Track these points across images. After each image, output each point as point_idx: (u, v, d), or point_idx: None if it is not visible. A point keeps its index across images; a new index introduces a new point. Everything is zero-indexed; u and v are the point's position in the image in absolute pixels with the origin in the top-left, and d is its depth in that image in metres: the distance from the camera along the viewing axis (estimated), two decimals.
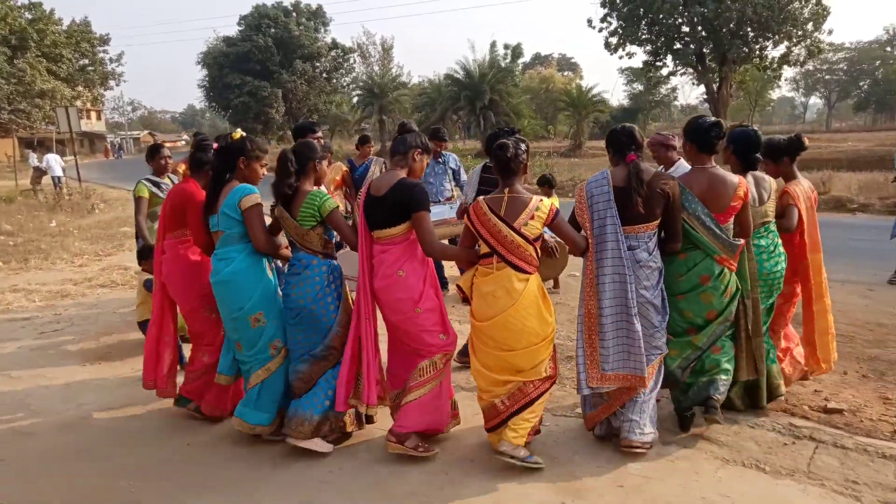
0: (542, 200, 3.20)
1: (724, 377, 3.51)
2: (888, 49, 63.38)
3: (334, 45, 46.82)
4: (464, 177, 6.68)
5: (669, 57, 30.57)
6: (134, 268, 8.49)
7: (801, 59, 29.51)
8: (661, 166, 4.43)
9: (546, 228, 3.25)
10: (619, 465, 3.28)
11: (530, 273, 3.19)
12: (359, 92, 44.68)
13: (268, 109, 42.20)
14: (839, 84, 67.41)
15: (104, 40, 31.17)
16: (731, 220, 3.46)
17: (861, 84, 64.92)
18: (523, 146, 3.33)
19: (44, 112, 25.38)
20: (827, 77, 67.85)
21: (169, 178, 5.37)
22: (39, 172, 19.12)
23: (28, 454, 3.58)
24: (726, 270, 3.45)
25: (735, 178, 3.47)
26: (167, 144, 6.73)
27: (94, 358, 5.14)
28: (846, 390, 4.14)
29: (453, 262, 6.75)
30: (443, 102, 35.32)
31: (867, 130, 48.92)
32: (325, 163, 3.68)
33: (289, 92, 43.06)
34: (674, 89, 59.72)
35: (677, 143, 4.35)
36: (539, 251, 3.25)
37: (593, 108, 38.48)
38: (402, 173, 3.36)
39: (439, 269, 6.58)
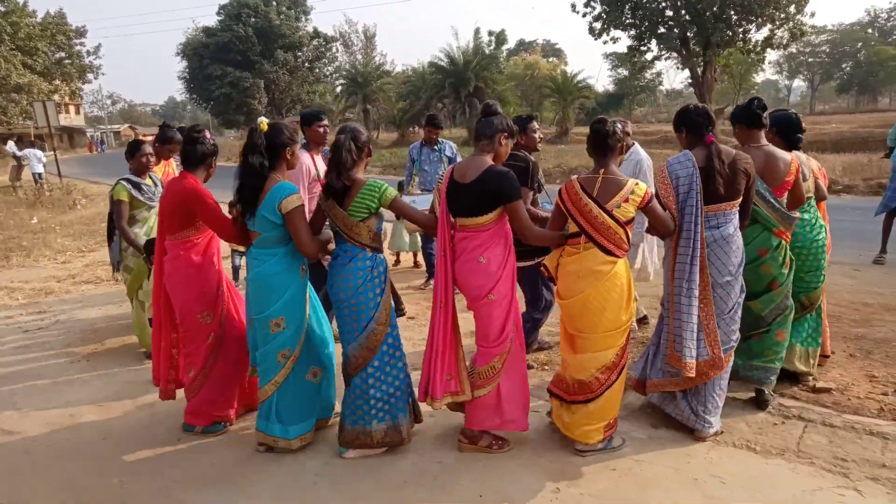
0: (637, 184, 3.12)
1: (776, 366, 3.67)
2: (870, 31, 63.82)
3: (316, 34, 46.37)
4: None
5: (654, 41, 30.54)
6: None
7: (784, 41, 29.58)
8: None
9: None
10: (613, 450, 3.29)
11: (618, 256, 3.14)
12: (342, 81, 44.35)
13: (250, 100, 41.78)
14: (822, 66, 67.83)
15: (80, 32, 30.72)
16: (786, 194, 3.62)
17: (843, 66, 65.39)
18: (619, 125, 3.27)
19: (20, 107, 24.98)
20: (810, 60, 68.22)
21: (150, 177, 4.89)
22: (19, 167, 18.83)
23: (15, 452, 3.53)
24: (783, 242, 3.62)
25: (788, 155, 3.62)
26: (148, 138, 6.36)
27: (80, 355, 5.07)
28: (834, 369, 4.19)
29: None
30: (427, 91, 35.12)
31: (850, 112, 49.39)
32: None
33: (271, 82, 42.64)
34: (659, 74, 59.94)
35: (630, 128, 4.55)
36: (628, 235, 3.15)
37: (579, 95, 38.47)
38: (489, 159, 3.23)
39: (431, 258, 6.55)
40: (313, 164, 4.61)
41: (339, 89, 45.81)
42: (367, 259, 3.23)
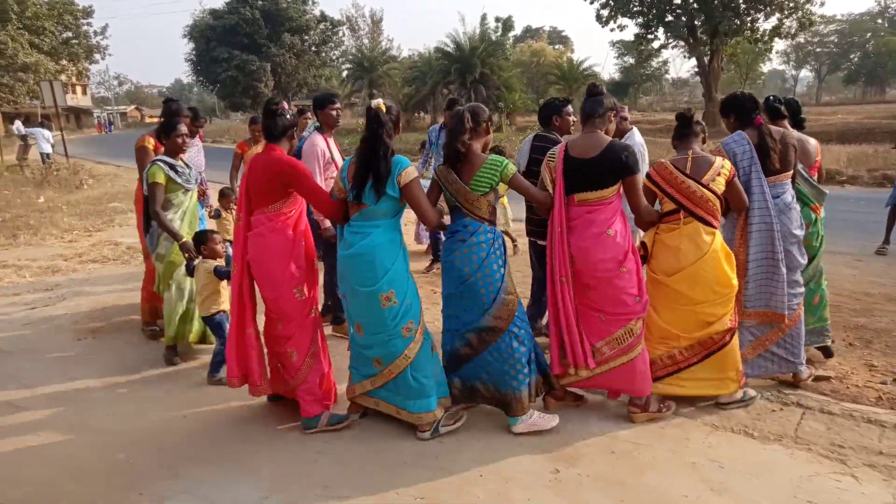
0: (724, 161, 3.45)
1: (823, 324, 4.15)
2: (879, 21, 63.18)
3: (323, 17, 46.10)
4: None
5: (661, 29, 30.32)
6: (125, 243, 8.46)
7: (793, 31, 29.34)
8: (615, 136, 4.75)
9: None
10: (610, 432, 3.34)
11: (716, 227, 3.42)
12: (348, 66, 44.07)
13: (256, 84, 41.64)
14: (830, 57, 67.22)
15: (87, 12, 30.58)
16: (816, 173, 4.06)
17: (852, 57, 64.77)
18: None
19: (27, 86, 24.93)
20: (818, 50, 67.61)
21: (182, 160, 4.53)
22: (25, 146, 18.84)
23: (22, 427, 3.59)
24: (818, 217, 3.99)
25: (813, 140, 4.05)
26: (154, 119, 6.35)
27: (86, 332, 5.13)
28: (833, 358, 4.21)
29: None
30: (433, 76, 34.91)
31: (857, 103, 48.96)
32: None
33: (277, 66, 42.46)
34: (665, 63, 59.43)
35: (627, 113, 4.89)
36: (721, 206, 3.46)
37: (584, 82, 38.15)
38: (604, 135, 3.42)
39: (438, 242, 6.56)
40: (327, 147, 4.63)
41: (345, 74, 45.56)
42: (489, 232, 3.33)
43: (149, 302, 4.98)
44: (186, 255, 4.24)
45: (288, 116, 3.52)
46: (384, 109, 3.27)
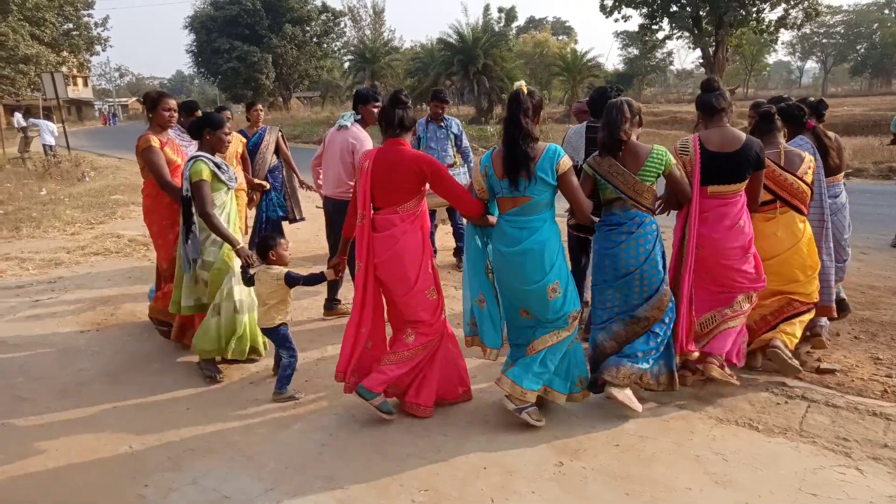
0: (810, 157, 3.76)
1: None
2: (886, 11, 62.72)
3: (324, 8, 45.86)
4: (465, 142, 6.52)
5: (666, 20, 30.18)
6: (127, 236, 8.46)
7: (799, 21, 29.21)
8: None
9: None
10: (615, 425, 3.34)
11: (806, 215, 3.76)
12: (350, 57, 43.98)
13: (258, 75, 41.50)
14: (836, 48, 66.83)
15: (88, 4, 30.46)
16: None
17: (858, 48, 64.42)
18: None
19: (28, 78, 24.90)
20: (824, 41, 67.23)
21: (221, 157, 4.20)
22: (27, 139, 18.83)
23: (27, 419, 3.59)
24: None
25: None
26: None
27: (90, 325, 5.13)
28: (838, 351, 4.20)
29: (449, 230, 6.77)
30: (436, 67, 34.76)
31: (863, 95, 48.69)
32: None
33: (279, 57, 42.28)
34: (669, 54, 59.35)
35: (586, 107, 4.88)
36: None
37: (588, 73, 38.04)
38: (737, 130, 3.54)
39: (431, 236, 6.53)
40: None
41: (346, 65, 45.47)
42: (653, 223, 3.38)
43: (163, 301, 4.56)
44: (244, 262, 3.79)
45: (411, 110, 3.43)
46: (525, 91, 3.18)
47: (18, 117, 20.37)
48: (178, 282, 4.13)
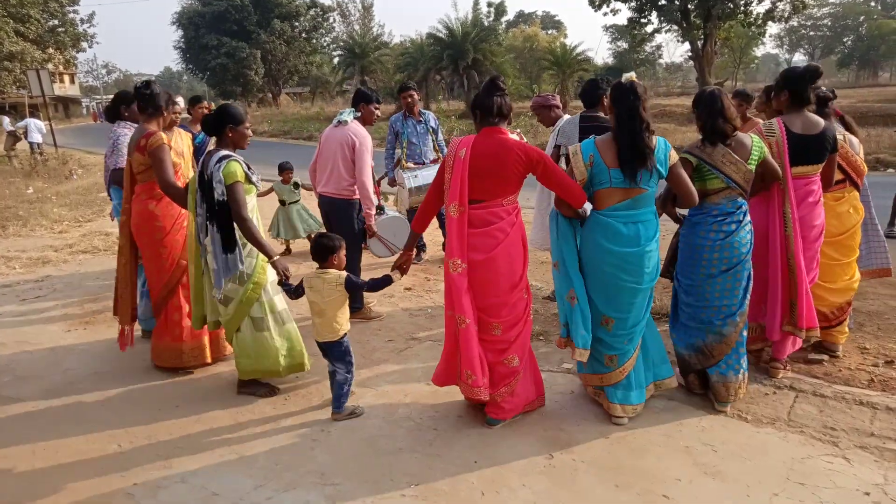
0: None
1: None
2: (872, 4, 63.11)
3: (313, 3, 45.63)
4: (441, 136, 6.48)
5: (654, 13, 30.17)
6: (115, 234, 8.39)
7: (786, 14, 29.24)
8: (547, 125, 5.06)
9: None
10: (605, 418, 3.34)
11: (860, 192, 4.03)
12: (339, 52, 43.76)
13: (247, 71, 41.30)
14: (823, 40, 67.15)
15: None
16: None
17: (845, 40, 64.75)
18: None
19: (14, 76, 24.59)
20: (811, 33, 67.53)
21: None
22: (14, 138, 18.64)
23: (14, 419, 3.57)
24: None
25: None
26: None
27: (78, 323, 5.10)
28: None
29: (435, 224, 6.73)
30: (425, 62, 34.67)
31: (850, 87, 49.00)
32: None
33: (268, 53, 42.08)
34: (658, 47, 59.45)
35: (558, 101, 5.06)
36: None
37: (578, 67, 37.99)
38: (816, 115, 3.67)
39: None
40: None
41: (336, 60, 45.25)
42: (748, 209, 3.38)
43: (172, 337, 4.14)
44: (282, 276, 3.47)
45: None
46: (634, 79, 3.14)
47: (6, 122, 20.14)
48: (199, 296, 3.73)
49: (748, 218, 3.33)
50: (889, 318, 4.60)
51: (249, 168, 3.58)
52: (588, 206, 3.14)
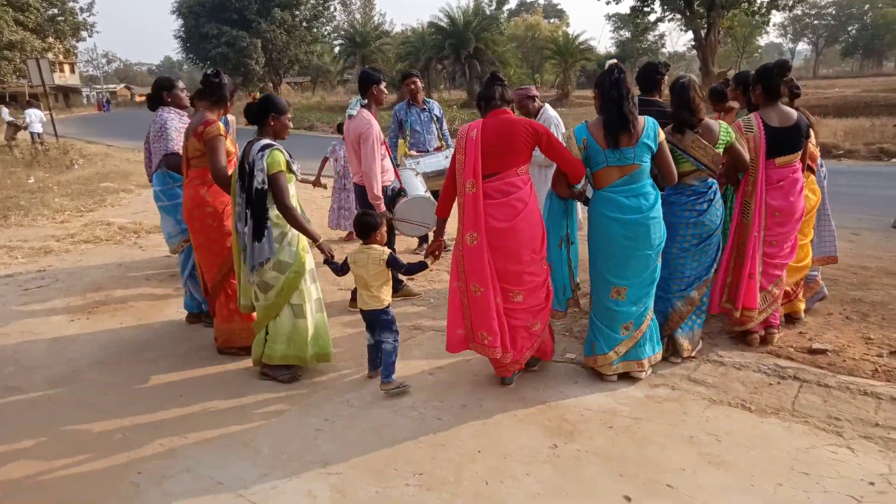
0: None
1: None
2: None
3: None
4: (445, 126, 6.48)
5: (657, 2, 30.01)
6: (117, 223, 8.39)
7: (790, 3, 29.09)
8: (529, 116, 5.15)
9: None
10: (609, 408, 3.34)
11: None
12: (340, 41, 43.71)
13: (247, 60, 41.14)
14: (827, 29, 66.75)
15: None
16: None
17: (849, 29, 64.36)
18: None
19: (13, 65, 24.52)
20: (815, 22, 67.13)
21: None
22: (14, 128, 18.59)
23: (18, 408, 3.57)
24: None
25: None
26: (144, 98, 5.87)
27: (81, 313, 5.10)
28: (830, 331, 4.22)
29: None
30: (427, 52, 34.59)
31: (854, 76, 48.75)
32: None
33: (268, 42, 41.90)
34: (661, 36, 59.08)
35: (536, 92, 5.27)
36: None
37: (580, 57, 37.86)
38: (788, 107, 3.86)
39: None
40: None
41: (337, 49, 45.11)
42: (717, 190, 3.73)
43: (229, 319, 4.17)
44: (328, 256, 3.64)
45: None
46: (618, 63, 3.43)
47: (6, 112, 20.07)
48: (241, 283, 3.83)
49: (718, 196, 3.71)
50: (893, 309, 4.58)
51: (290, 157, 3.65)
52: (583, 184, 3.51)
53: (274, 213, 3.58)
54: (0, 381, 3.92)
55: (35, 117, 18.14)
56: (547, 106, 5.28)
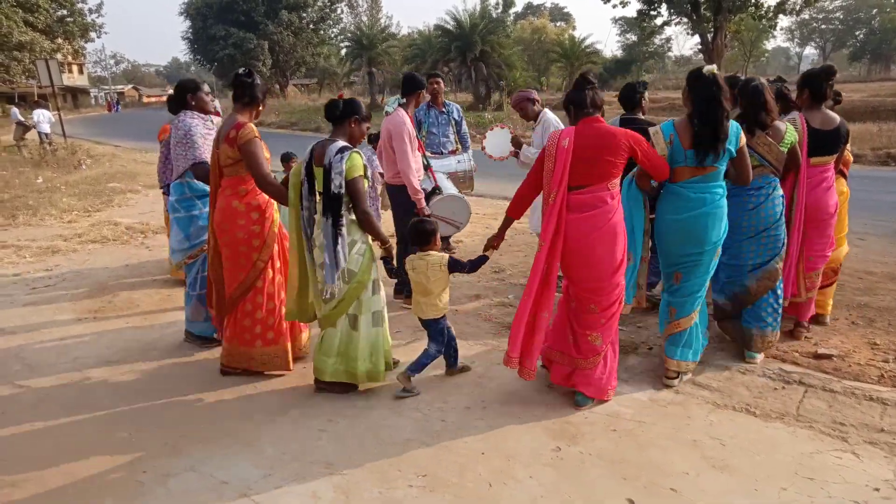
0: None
1: None
2: None
3: None
4: (464, 128, 6.50)
5: (664, 6, 29.95)
6: (124, 223, 8.43)
7: (798, 7, 28.98)
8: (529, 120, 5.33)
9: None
10: (612, 411, 3.34)
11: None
12: (347, 44, 43.58)
13: (254, 62, 41.18)
14: (835, 33, 66.52)
15: None
16: None
17: (857, 33, 64.10)
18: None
19: (23, 65, 24.67)
20: (823, 26, 66.90)
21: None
22: (23, 128, 18.70)
23: (24, 407, 3.59)
24: None
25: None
26: (152, 99, 5.87)
27: (87, 313, 5.12)
28: (835, 336, 4.21)
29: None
30: (433, 54, 34.54)
31: (861, 81, 48.49)
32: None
33: (275, 44, 42.02)
34: (668, 40, 59.15)
35: (537, 96, 5.32)
36: None
37: (586, 60, 37.88)
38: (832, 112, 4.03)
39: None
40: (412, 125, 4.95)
41: (343, 52, 45.12)
42: (781, 191, 3.77)
43: (240, 339, 3.90)
44: (386, 255, 3.65)
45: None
46: (717, 73, 3.37)
47: (16, 112, 20.19)
48: (303, 290, 3.64)
49: (777, 192, 3.74)
50: None
51: (370, 162, 3.63)
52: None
53: (348, 219, 3.43)
54: (7, 379, 3.95)
55: (43, 117, 18.25)
56: (546, 110, 5.29)
